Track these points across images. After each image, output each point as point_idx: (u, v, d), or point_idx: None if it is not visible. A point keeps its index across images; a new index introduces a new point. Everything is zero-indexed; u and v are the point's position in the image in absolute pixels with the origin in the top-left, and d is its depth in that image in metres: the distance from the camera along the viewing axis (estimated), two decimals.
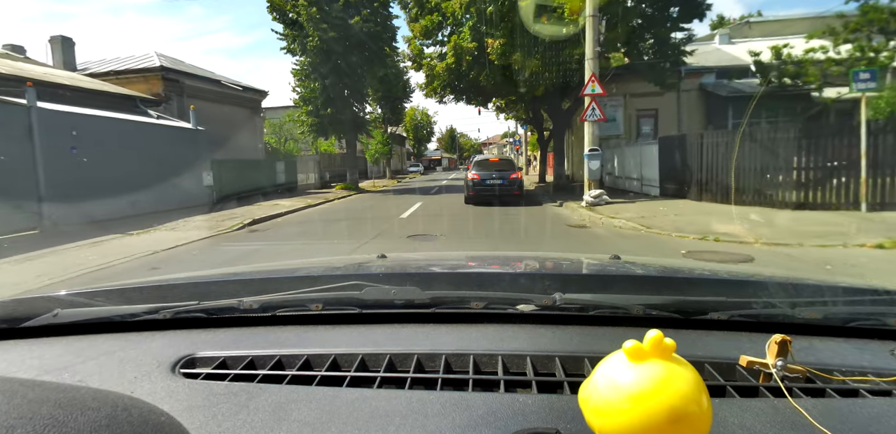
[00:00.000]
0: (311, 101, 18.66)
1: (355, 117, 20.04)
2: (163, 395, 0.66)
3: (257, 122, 19.06)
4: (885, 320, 0.85)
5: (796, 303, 0.91)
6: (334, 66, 17.52)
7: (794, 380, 0.68)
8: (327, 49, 17.16)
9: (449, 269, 1.40)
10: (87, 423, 0.39)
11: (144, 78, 14.90)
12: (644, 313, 0.85)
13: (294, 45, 17.37)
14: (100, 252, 6.73)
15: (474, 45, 12.53)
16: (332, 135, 19.81)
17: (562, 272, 1.31)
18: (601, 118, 10.25)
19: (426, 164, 58.92)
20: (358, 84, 18.95)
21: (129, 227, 8.83)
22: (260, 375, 0.73)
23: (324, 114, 18.55)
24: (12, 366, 0.79)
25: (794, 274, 1.33)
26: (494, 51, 11.69)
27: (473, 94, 16.35)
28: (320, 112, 18.53)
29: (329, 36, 16.56)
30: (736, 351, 0.74)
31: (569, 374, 0.72)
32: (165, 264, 5.78)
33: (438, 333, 0.86)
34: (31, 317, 0.91)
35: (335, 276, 1.18)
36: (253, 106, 19.80)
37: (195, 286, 1.14)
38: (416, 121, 48.17)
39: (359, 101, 20.41)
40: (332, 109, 18.39)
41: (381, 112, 29.78)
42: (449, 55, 13.02)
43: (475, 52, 12.76)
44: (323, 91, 18.27)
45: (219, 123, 16.64)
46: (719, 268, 1.47)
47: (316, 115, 18.68)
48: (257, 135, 19.97)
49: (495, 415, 0.60)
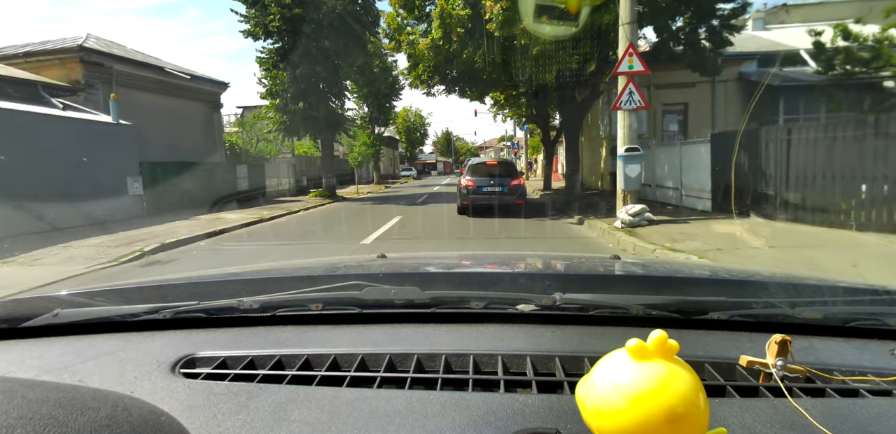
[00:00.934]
0: (279, 95, 16.87)
1: (332, 114, 18.39)
2: (163, 395, 0.68)
3: (216, 119, 16.21)
4: (885, 320, 0.87)
5: (796, 303, 0.93)
6: (306, 53, 15.83)
7: (794, 380, 0.71)
8: (295, 31, 15.55)
9: (449, 269, 1.43)
10: (87, 423, 0.40)
11: (61, 61, 13.09)
12: (644, 313, 0.88)
13: (256, 27, 14.01)
14: None
15: (467, 13, 10.84)
16: (305, 134, 16.55)
17: (562, 272, 1.35)
18: (642, 105, 8.33)
19: (420, 168, 58.36)
20: (334, 75, 17.41)
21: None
22: (260, 375, 0.75)
23: (294, 109, 16.65)
24: (12, 366, 0.81)
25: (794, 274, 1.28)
26: (494, 17, 9.55)
27: (467, 84, 13.10)
28: (290, 107, 16.64)
29: (294, 14, 15.12)
30: (736, 351, 0.77)
31: (569, 373, 0.75)
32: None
33: (438, 333, 0.89)
34: (31, 317, 0.92)
35: (335, 275, 1.21)
36: (210, 100, 18.30)
37: (195, 286, 1.16)
38: (409, 122, 45.42)
39: (337, 96, 19.26)
40: (304, 104, 16.54)
41: (367, 111, 26.33)
42: (435, 27, 10.14)
43: (469, 24, 10.93)
44: (293, 82, 16.44)
45: (162, 119, 14.96)
46: (719, 268, 1.52)
47: (285, 111, 16.87)
48: (215, 134, 18.57)
49: (495, 415, 0.61)
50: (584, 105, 12.89)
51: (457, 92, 15.60)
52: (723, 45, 11.17)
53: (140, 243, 7.86)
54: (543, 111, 17.16)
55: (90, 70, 12.65)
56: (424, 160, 62.51)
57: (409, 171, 46.26)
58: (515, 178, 11.09)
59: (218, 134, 18.04)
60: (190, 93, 16.48)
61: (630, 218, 7.61)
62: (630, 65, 7.70)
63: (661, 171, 11.56)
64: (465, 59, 11.07)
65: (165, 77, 15.15)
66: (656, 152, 12.00)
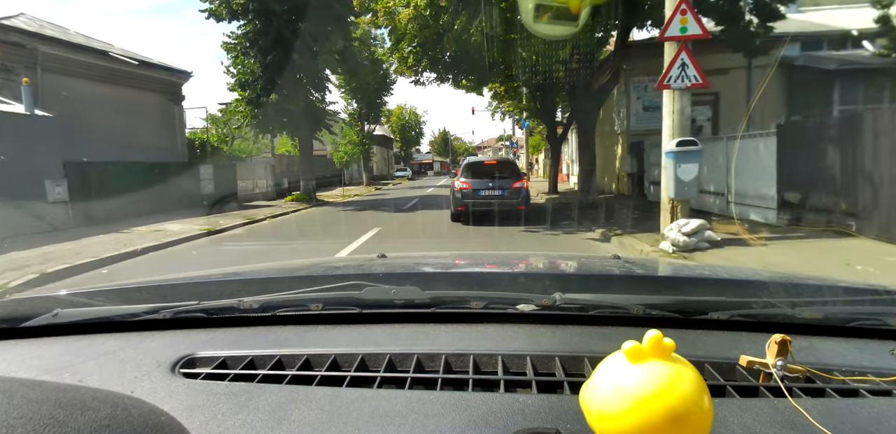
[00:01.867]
0: (249, 86, 15.15)
1: (311, 108, 16.75)
2: (163, 395, 0.72)
3: (176, 113, 14.16)
4: (886, 320, 0.91)
5: (796, 303, 0.97)
6: (278, 37, 14.30)
7: (794, 380, 0.74)
8: (264, 11, 14.00)
9: (449, 269, 1.46)
10: (87, 423, 0.41)
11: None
12: (644, 313, 0.92)
13: (219, 7, 11.75)
14: None
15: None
16: (280, 130, 14.40)
17: (562, 272, 1.37)
18: (699, 83, 6.20)
19: (416, 168, 57.11)
20: (312, 63, 15.73)
21: None
22: (260, 375, 0.79)
23: (266, 102, 14.99)
24: (12, 366, 0.84)
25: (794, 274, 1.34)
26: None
27: (462, 72, 10.83)
28: (262, 100, 14.92)
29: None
30: (736, 351, 0.80)
31: (569, 374, 0.79)
32: None
33: (438, 333, 0.93)
34: (31, 317, 0.96)
35: (335, 275, 1.24)
36: (169, 91, 16.68)
37: (195, 286, 1.19)
38: (404, 121, 43.24)
39: (317, 88, 18.10)
40: (277, 96, 14.96)
41: (356, 107, 24.25)
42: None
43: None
44: (264, 71, 14.70)
45: (108, 112, 13.20)
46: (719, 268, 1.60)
47: (257, 105, 15.15)
48: (176, 130, 17.22)
49: (495, 415, 0.64)
50: (603, 92, 10.88)
51: (450, 81, 13.58)
52: (773, 17, 9.11)
53: (18, 271, 6.19)
54: (549, 104, 15.01)
55: (8, 51, 10.58)
56: (421, 160, 62.41)
57: (403, 172, 44.83)
58: (518, 180, 10.00)
59: (179, 130, 16.43)
60: (143, 82, 14.88)
61: (684, 238, 5.54)
62: (683, 26, 5.64)
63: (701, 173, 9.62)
64: (458, 32, 9.11)
65: (111, 63, 13.02)
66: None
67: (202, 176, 15.75)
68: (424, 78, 13.33)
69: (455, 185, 10.26)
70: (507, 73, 12.69)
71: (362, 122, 29.07)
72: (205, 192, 15.79)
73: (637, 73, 13.78)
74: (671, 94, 6.32)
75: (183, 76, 16.72)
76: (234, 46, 15.32)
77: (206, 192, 15.87)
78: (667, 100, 6.44)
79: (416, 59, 11.45)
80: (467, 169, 10.40)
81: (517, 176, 10.21)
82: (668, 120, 6.43)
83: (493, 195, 9.76)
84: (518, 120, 30.39)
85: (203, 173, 15.80)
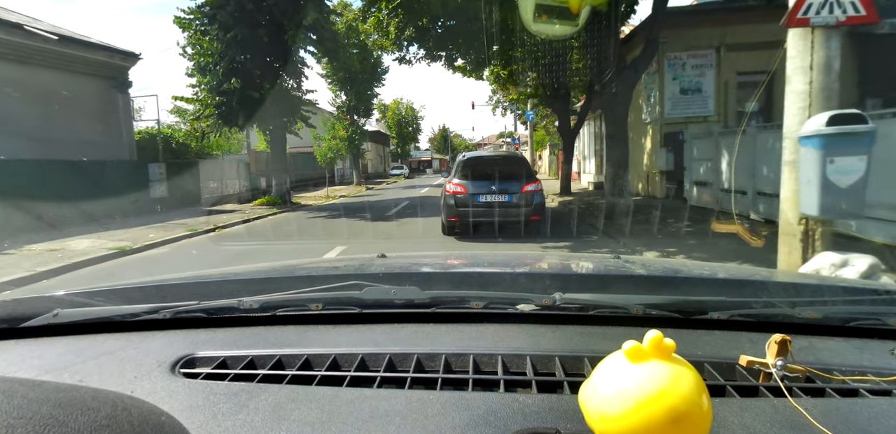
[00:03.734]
0: (209, 71, 12.75)
1: (284, 96, 14.26)
2: (163, 395, 0.71)
3: (120, 101, 11.57)
4: (885, 320, 0.90)
5: (796, 302, 0.95)
6: (240, 11, 11.99)
7: (794, 379, 0.73)
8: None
9: (449, 269, 1.45)
10: (87, 423, 0.41)
11: None
12: (644, 313, 0.91)
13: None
14: None
15: None
16: (246, 122, 11.79)
17: (562, 272, 1.37)
18: (861, 15, 3.46)
19: (414, 166, 55.47)
20: (282, 42, 12.89)
21: None
22: (260, 375, 0.79)
23: (229, 89, 12.50)
24: (12, 366, 0.83)
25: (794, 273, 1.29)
26: None
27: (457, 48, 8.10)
28: (224, 86, 12.56)
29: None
30: (736, 351, 0.79)
31: (569, 373, 0.78)
32: None
33: (438, 333, 0.92)
34: (31, 317, 0.95)
35: (335, 275, 1.23)
36: (111, 76, 13.56)
37: (195, 286, 1.18)
38: (400, 116, 40.46)
39: (291, 73, 15.01)
40: (239, 82, 12.40)
41: (345, 99, 21.89)
42: None
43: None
44: (226, 51, 12.37)
45: (24, 99, 10.74)
46: (719, 267, 1.53)
47: (219, 93, 12.73)
48: (121, 122, 13.95)
49: (495, 414, 0.63)
50: (636, 69, 8.17)
51: (443, 60, 10.87)
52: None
53: None
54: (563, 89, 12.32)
55: None
56: (419, 158, 60.81)
57: (399, 170, 42.54)
58: (530, 181, 7.73)
59: (125, 122, 13.77)
60: (76, 64, 12.48)
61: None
62: None
63: (761, 171, 7.58)
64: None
65: (27, 39, 10.38)
66: (760, 141, 7.74)
67: (152, 176, 13.40)
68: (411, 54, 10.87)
69: (447, 188, 7.86)
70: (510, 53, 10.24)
71: (352, 116, 26.60)
72: (156, 196, 13.52)
73: (673, 47, 11.05)
74: (806, 39, 3.67)
75: (128, 58, 13.69)
76: (189, 23, 12.93)
77: (158, 195, 13.57)
78: (798, 48, 3.79)
79: (398, 28, 8.98)
80: (464, 167, 7.98)
81: (529, 176, 7.89)
82: (801, 81, 3.74)
83: (498, 201, 7.48)
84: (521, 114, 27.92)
85: (153, 173, 13.40)
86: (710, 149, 9.45)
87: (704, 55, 11.12)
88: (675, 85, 11.53)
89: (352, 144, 25.32)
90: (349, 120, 26.24)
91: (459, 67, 12.29)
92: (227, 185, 17.44)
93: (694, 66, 11.19)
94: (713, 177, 9.38)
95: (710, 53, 11.21)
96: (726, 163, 8.97)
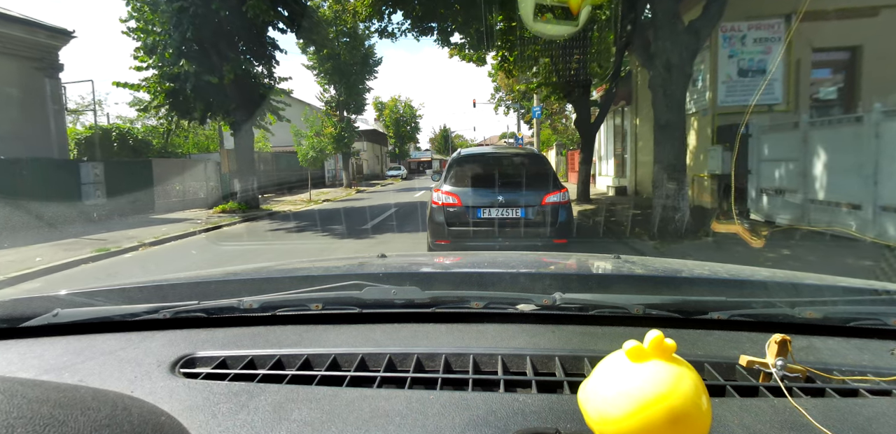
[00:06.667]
0: (157, 52, 10.65)
1: (247, 83, 11.64)
2: (163, 395, 0.71)
3: (48, 88, 8.94)
4: (885, 320, 0.89)
5: (796, 302, 0.95)
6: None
7: (794, 379, 0.73)
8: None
9: (449, 269, 1.45)
10: (87, 422, 0.41)
11: None
12: (644, 313, 0.91)
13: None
14: None
15: None
16: (200, 113, 8.99)
17: (562, 272, 1.36)
18: None
19: (414, 166, 53.46)
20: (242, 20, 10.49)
21: None
22: (260, 375, 0.79)
23: (180, 72, 10.37)
24: (12, 365, 0.83)
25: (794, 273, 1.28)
26: None
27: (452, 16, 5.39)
28: (174, 69, 10.45)
29: None
30: (736, 351, 0.79)
31: (569, 373, 0.78)
32: None
33: (438, 333, 0.92)
34: (32, 316, 0.95)
35: (335, 275, 1.22)
36: (35, 57, 11.34)
37: (195, 286, 1.17)
38: (398, 114, 38.02)
39: (257, 56, 12.71)
40: (195, 64, 10.27)
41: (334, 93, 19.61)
42: None
43: None
44: (176, 28, 10.15)
45: None
46: (719, 268, 1.42)
47: (170, 78, 10.62)
48: (47, 112, 11.75)
49: (495, 414, 0.63)
50: (697, 32, 5.77)
51: (435, 34, 8.40)
52: None
53: None
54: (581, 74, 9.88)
55: None
56: (419, 158, 59.46)
57: (397, 171, 40.47)
58: (552, 190, 5.37)
59: (54, 113, 11.38)
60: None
61: None
62: None
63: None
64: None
65: None
66: (887, 135, 5.62)
67: (84, 178, 11.09)
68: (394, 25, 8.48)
69: (434, 199, 5.52)
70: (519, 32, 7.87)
71: (341, 112, 23.70)
72: (91, 201, 11.22)
73: (730, 16, 8.52)
74: None
75: (57, 36, 11.45)
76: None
77: (94, 200, 11.31)
78: None
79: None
80: (457, 167, 5.66)
81: (550, 182, 5.50)
82: None
83: (508, 218, 5.20)
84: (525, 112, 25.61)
85: (86, 174, 11.08)
86: (791, 146, 7.14)
87: (771, 26, 8.72)
88: (732, 64, 8.70)
89: (340, 143, 22.21)
90: (339, 116, 23.60)
91: (457, 46, 9.94)
92: (191, 189, 15.14)
93: (757, 40, 8.68)
94: (798, 183, 7.01)
95: (778, 23, 8.81)
96: (822, 164, 6.56)
